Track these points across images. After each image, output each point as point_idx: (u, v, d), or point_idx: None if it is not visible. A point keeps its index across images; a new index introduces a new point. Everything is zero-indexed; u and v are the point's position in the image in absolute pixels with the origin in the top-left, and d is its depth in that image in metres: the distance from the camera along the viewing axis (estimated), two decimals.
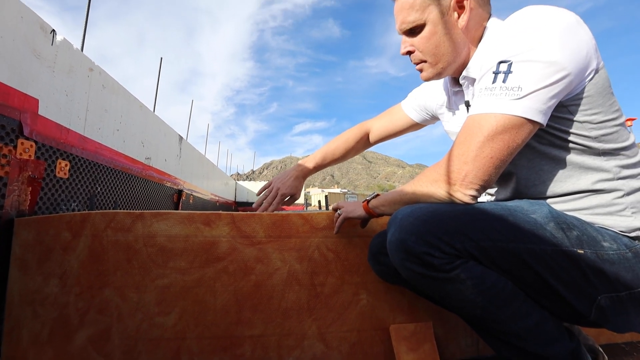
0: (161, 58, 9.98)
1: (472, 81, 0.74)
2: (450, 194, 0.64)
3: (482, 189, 0.63)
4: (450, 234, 0.61)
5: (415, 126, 1.09)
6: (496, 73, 0.59)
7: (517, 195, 0.73)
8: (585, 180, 0.63)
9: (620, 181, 0.62)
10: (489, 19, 0.73)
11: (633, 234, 0.61)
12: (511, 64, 0.58)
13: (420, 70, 0.77)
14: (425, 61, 0.75)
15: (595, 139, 0.62)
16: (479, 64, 0.69)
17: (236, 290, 0.94)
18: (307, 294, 0.97)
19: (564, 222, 0.62)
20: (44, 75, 1.22)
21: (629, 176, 0.62)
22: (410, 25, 0.73)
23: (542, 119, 0.58)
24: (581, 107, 0.61)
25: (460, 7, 0.70)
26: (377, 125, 1.16)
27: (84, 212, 0.95)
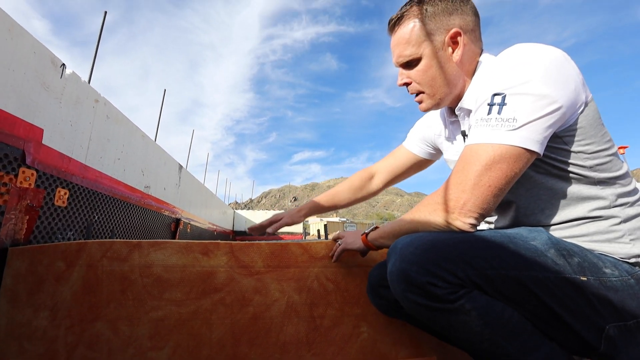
0: (164, 90, 10.22)
1: (468, 112, 0.76)
2: (449, 223, 0.64)
3: (481, 217, 0.63)
4: (453, 262, 0.60)
5: (419, 163, 1.09)
6: (491, 105, 0.62)
7: (516, 223, 0.73)
8: (582, 208, 0.64)
9: (616, 209, 0.62)
10: (481, 54, 0.77)
11: (632, 260, 0.61)
12: (505, 96, 0.60)
13: (420, 102, 0.80)
14: (423, 92, 0.78)
15: (590, 168, 0.63)
16: (474, 96, 0.71)
17: (233, 323, 0.91)
18: (306, 327, 0.94)
19: (564, 248, 0.61)
20: (51, 106, 1.26)
21: (625, 204, 0.63)
22: (407, 59, 0.76)
23: (538, 149, 0.59)
24: (575, 138, 0.63)
25: (455, 42, 0.74)
26: (381, 166, 1.15)
27: (80, 241, 0.94)
